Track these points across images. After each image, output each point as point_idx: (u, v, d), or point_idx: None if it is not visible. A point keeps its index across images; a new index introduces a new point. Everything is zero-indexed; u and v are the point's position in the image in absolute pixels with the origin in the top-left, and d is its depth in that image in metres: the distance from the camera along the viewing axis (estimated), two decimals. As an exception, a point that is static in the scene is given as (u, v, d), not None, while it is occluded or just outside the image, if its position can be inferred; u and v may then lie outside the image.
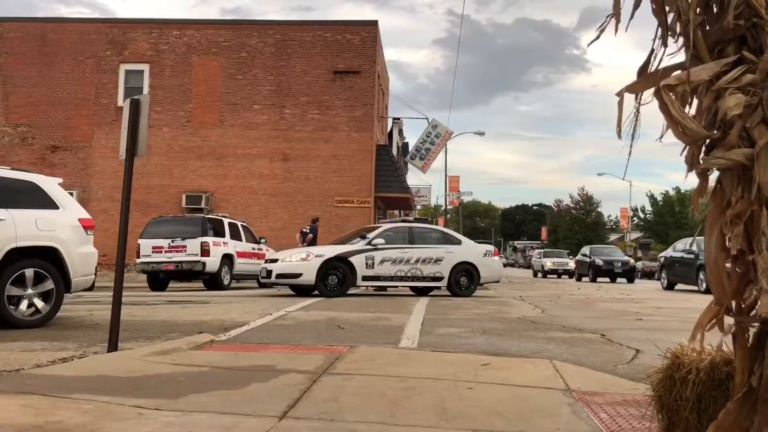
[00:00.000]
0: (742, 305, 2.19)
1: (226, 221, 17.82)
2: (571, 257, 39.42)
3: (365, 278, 13.77)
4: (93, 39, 24.81)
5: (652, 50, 2.32)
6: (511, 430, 3.27)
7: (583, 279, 29.99)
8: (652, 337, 6.75)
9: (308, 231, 20.27)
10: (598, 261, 28.92)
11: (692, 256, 18.84)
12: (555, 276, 37.16)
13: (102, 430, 3.03)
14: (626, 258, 30.71)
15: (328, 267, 13.36)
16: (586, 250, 31.81)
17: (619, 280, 28.86)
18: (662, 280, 21.48)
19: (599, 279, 28.71)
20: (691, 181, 2.29)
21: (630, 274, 28.93)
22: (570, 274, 35.97)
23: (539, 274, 38.51)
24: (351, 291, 14.06)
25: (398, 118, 33.69)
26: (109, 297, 5.79)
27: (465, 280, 14.48)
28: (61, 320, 7.70)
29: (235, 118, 24.41)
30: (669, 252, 21.47)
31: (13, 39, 24.90)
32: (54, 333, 6.65)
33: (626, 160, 2.36)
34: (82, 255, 7.71)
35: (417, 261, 14.07)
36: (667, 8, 2.28)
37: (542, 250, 45.64)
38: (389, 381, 4.30)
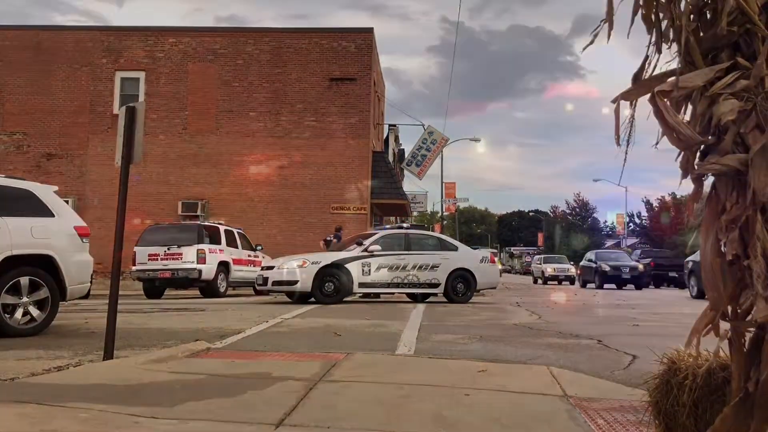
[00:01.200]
0: (738, 310, 2.19)
1: (222, 228, 17.81)
2: (571, 263, 38.83)
3: (362, 285, 13.76)
4: (88, 47, 24.81)
5: (647, 57, 2.33)
6: (509, 437, 3.26)
7: (589, 285, 28.53)
8: (648, 342, 6.73)
9: (331, 239, 19.72)
10: (605, 267, 27.29)
11: None
12: (555, 282, 36.03)
13: (97, 439, 3.02)
14: (634, 263, 28.38)
15: (324, 274, 13.36)
16: (591, 255, 30.09)
17: (626, 286, 27.05)
18: (691, 288, 19.21)
19: (606, 286, 27.00)
20: (686, 187, 2.29)
21: (639, 281, 26.93)
22: (571, 280, 34.86)
23: (539, 281, 37.40)
24: (347, 298, 14.04)
25: (394, 125, 33.78)
26: (105, 305, 5.77)
27: (461, 286, 14.46)
28: (56, 328, 7.68)
29: (231, 125, 24.41)
30: (698, 257, 19.44)
31: (8, 47, 24.88)
32: (49, 341, 6.62)
33: (621, 166, 2.36)
34: (77, 263, 7.69)
35: (413, 267, 14.05)
36: (660, 15, 2.29)
37: (542, 256, 44.21)
38: (386, 388, 4.29)
